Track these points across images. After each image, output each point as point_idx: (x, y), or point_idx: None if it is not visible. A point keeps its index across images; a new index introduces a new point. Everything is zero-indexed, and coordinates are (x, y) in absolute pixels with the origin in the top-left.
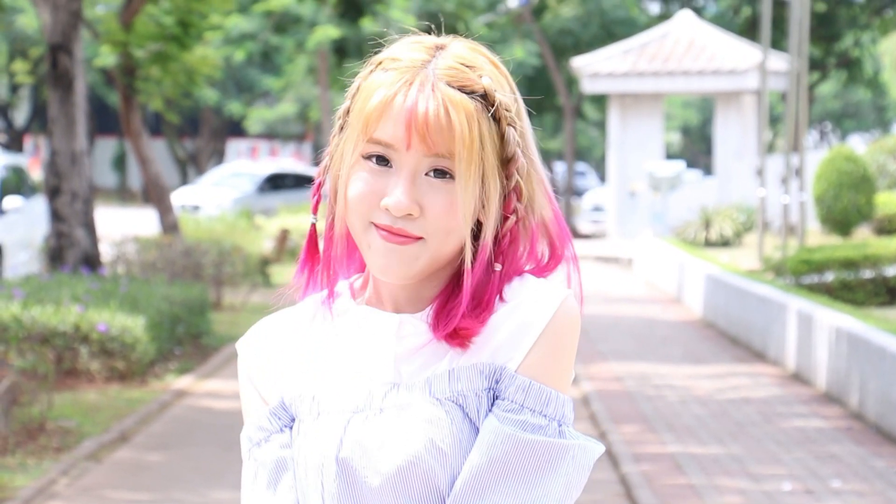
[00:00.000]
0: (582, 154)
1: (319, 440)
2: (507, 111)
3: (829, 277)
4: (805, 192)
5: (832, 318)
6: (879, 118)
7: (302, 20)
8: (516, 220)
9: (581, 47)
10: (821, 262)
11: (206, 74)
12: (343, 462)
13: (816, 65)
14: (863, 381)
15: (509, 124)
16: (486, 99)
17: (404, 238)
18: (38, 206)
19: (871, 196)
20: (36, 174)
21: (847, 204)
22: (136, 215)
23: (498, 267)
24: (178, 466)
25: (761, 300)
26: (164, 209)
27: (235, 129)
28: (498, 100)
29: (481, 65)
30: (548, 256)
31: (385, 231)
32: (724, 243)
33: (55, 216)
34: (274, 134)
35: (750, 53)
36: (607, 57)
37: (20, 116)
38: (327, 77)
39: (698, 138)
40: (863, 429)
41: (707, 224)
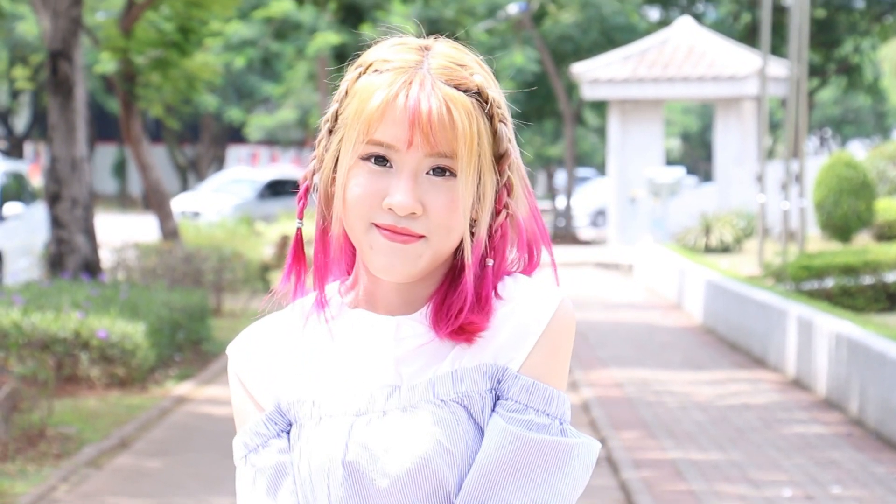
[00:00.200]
0: (583, 160)
1: (324, 444)
2: (499, 108)
3: (830, 283)
4: (805, 198)
5: (832, 324)
6: (879, 124)
7: (302, 27)
8: (506, 215)
9: (581, 53)
10: (821, 268)
11: (207, 81)
12: (350, 465)
13: (816, 71)
14: (863, 387)
15: (501, 121)
16: (480, 96)
17: (407, 237)
18: (39, 213)
19: (871, 202)
20: (36, 180)
21: (847, 210)
22: (137, 222)
23: (490, 262)
24: (179, 473)
25: (761, 306)
26: (165, 215)
27: (235, 136)
28: (491, 97)
29: (470, 63)
30: (528, 251)
31: (388, 231)
32: (725, 249)
33: (55, 223)
34: (274, 140)
35: (750, 60)
36: (607, 63)
37: (20, 123)
38: (327, 83)
39: (698, 144)
40: (863, 435)
41: (707, 230)
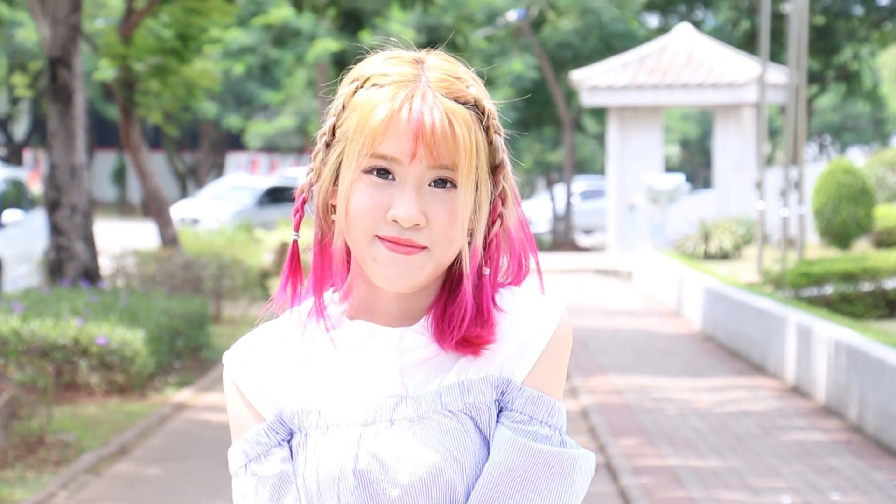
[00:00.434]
0: (582, 166)
1: (333, 454)
2: (493, 119)
3: (829, 290)
4: (804, 205)
5: (831, 331)
6: (878, 131)
7: (301, 33)
8: (500, 225)
9: (580, 60)
10: (820, 275)
11: (206, 88)
12: (361, 475)
13: (815, 78)
14: (862, 394)
15: (496, 132)
16: (477, 108)
17: (411, 248)
18: (38, 220)
19: (871, 209)
20: (35, 187)
21: (846, 217)
22: (136, 229)
23: (487, 271)
24: (178, 480)
25: (760, 313)
26: (164, 222)
27: (235, 143)
28: (487, 108)
29: (464, 75)
30: (518, 259)
31: (392, 243)
32: (724, 256)
33: (54, 229)
34: (273, 147)
35: (749, 66)
36: (606, 70)
37: (20, 130)
38: (325, 95)
39: (697, 151)
40: (862, 441)
41: (706, 237)
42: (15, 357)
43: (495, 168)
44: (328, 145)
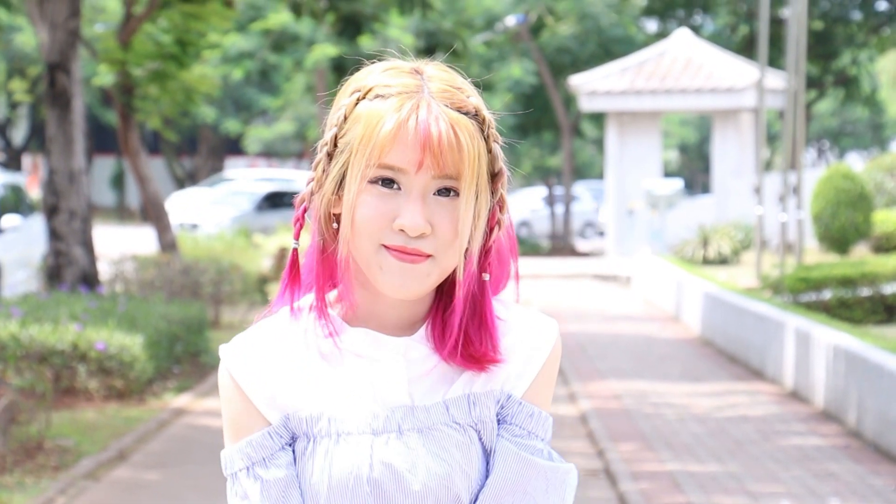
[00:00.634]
0: (581, 171)
1: (346, 462)
2: (492, 128)
3: (827, 295)
4: (803, 210)
5: (830, 336)
6: (877, 136)
7: (300, 39)
8: (499, 231)
9: (579, 65)
10: (818, 280)
11: (204, 93)
12: (376, 483)
13: (814, 83)
14: (860, 399)
15: (494, 140)
16: (477, 117)
17: (416, 257)
18: (37, 225)
19: (869, 214)
20: (34, 193)
21: (845, 222)
22: (135, 234)
23: (487, 277)
24: (177, 485)
25: (759, 318)
26: (163, 227)
27: (234, 148)
28: (487, 118)
29: (463, 85)
30: (505, 264)
31: (398, 251)
32: (722, 261)
33: (53, 235)
34: (272, 152)
35: (747, 71)
36: (605, 75)
37: (18, 135)
38: (324, 102)
39: (696, 156)
40: (861, 446)
41: (705, 242)
42: (13, 362)
43: (494, 176)
44: (330, 155)
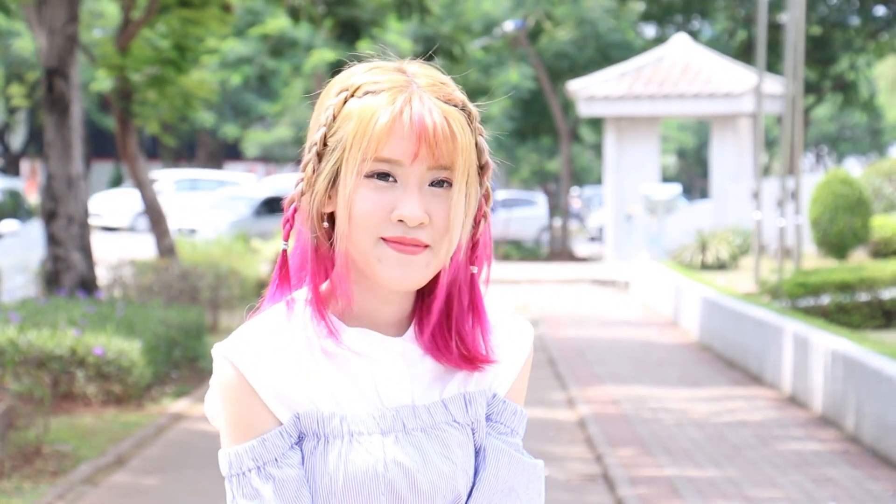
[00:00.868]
0: (580, 176)
1: (361, 462)
2: (476, 121)
3: (826, 300)
4: (801, 215)
5: (828, 342)
6: (875, 141)
7: (298, 44)
8: (485, 223)
9: (577, 70)
10: (817, 285)
11: (203, 98)
12: (389, 483)
13: (812, 88)
14: (859, 404)
15: (480, 134)
16: (463, 110)
17: (415, 247)
18: (35, 230)
19: (867, 219)
20: (32, 198)
21: (843, 227)
22: (133, 239)
23: (475, 269)
24: (175, 490)
25: (757, 323)
26: (161, 233)
27: (232, 153)
28: (473, 111)
29: (447, 80)
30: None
31: (397, 243)
32: (721, 266)
33: (51, 240)
34: (270, 157)
35: (745, 77)
36: (603, 80)
37: (16, 140)
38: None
39: (694, 161)
40: (859, 452)
41: (703, 247)
42: (12, 367)
43: (481, 168)
44: (320, 155)
